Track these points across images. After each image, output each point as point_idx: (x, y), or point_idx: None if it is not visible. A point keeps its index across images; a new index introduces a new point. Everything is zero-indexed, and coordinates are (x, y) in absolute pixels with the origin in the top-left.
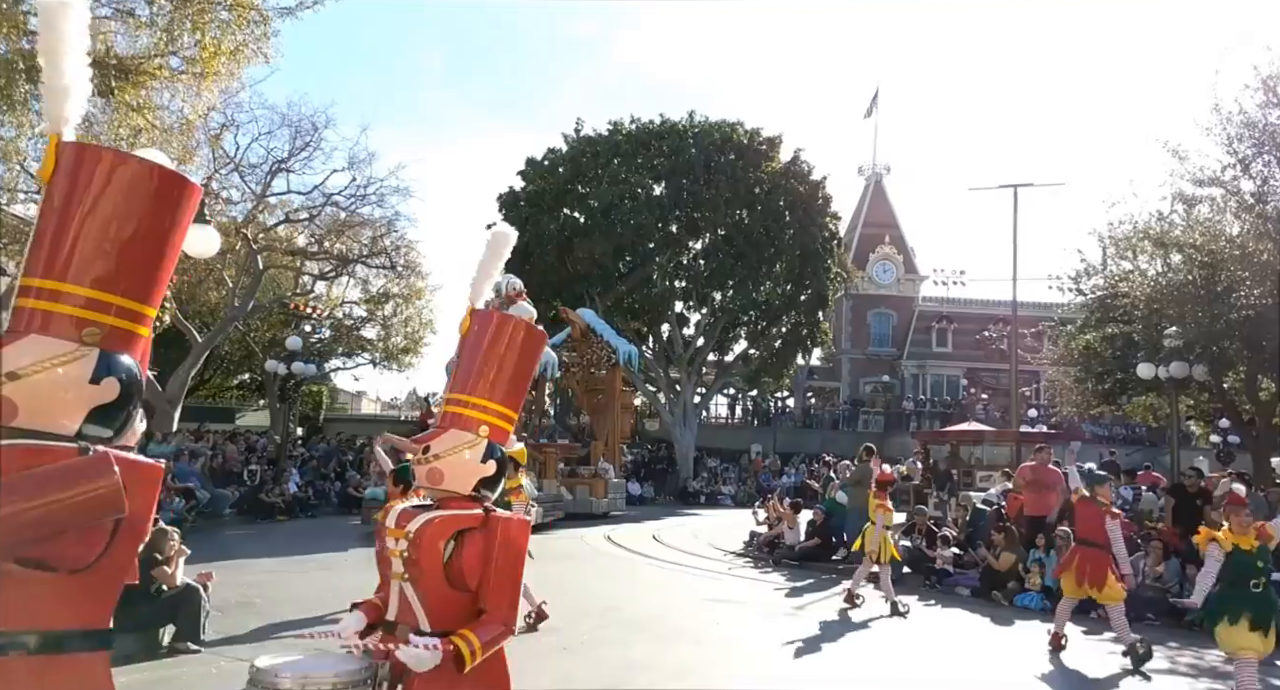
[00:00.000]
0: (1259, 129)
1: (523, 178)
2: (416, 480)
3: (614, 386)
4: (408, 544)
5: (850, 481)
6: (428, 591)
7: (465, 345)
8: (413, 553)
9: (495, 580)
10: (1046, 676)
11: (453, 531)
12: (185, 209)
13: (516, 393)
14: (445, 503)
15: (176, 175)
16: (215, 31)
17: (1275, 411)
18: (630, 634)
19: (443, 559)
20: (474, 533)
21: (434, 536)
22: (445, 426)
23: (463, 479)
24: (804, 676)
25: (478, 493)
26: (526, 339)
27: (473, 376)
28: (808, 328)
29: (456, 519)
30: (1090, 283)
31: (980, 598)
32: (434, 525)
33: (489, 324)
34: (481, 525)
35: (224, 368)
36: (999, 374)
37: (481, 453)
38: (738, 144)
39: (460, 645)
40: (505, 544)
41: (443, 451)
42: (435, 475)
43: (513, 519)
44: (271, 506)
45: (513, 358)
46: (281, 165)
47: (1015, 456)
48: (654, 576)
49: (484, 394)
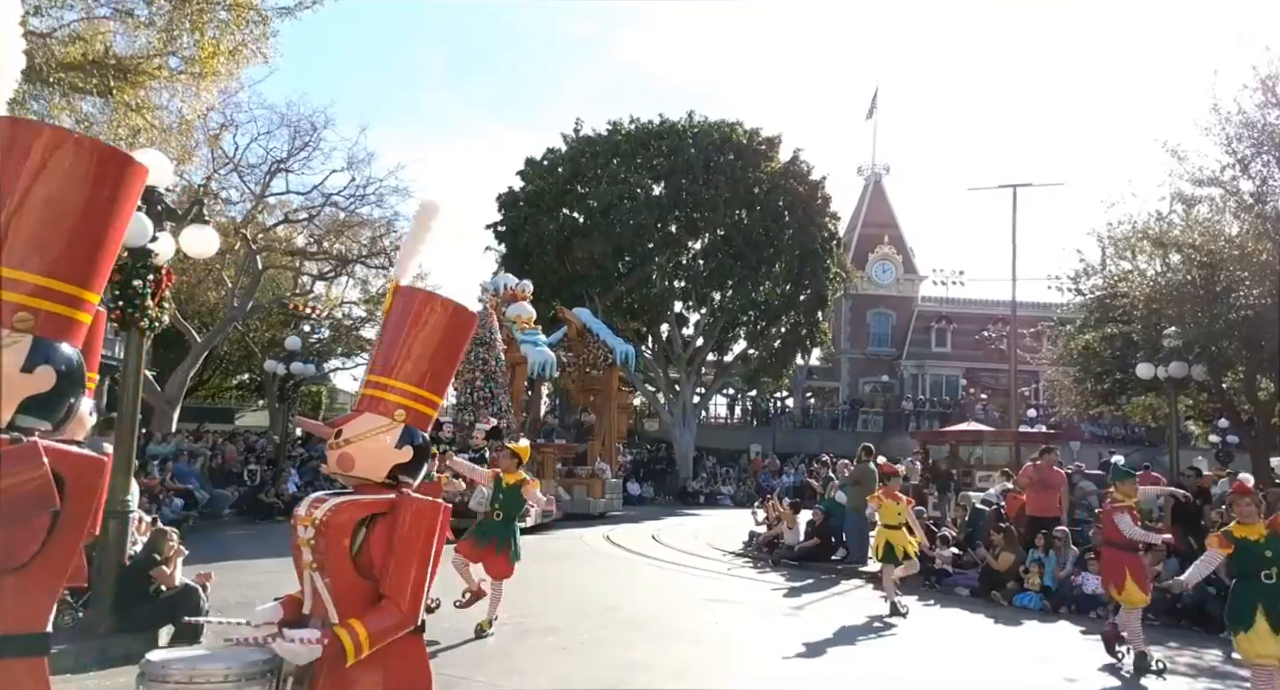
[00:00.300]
0: (1258, 129)
1: (522, 178)
2: (328, 466)
3: (610, 386)
4: (314, 532)
5: (849, 481)
6: (335, 581)
7: (387, 325)
8: (319, 541)
9: (397, 566)
10: (1045, 676)
11: (360, 518)
12: (128, 188)
13: (441, 376)
14: (360, 490)
15: (117, 152)
16: (214, 31)
17: (1274, 411)
18: (629, 634)
19: (350, 547)
20: (384, 518)
21: (339, 523)
22: (360, 410)
23: (375, 465)
24: (803, 676)
25: (393, 479)
26: (453, 320)
27: (393, 358)
28: (807, 328)
29: (364, 504)
30: (1089, 283)
31: (979, 598)
32: (339, 511)
33: (412, 302)
34: (390, 510)
35: (223, 368)
36: (998, 374)
37: (397, 438)
38: (737, 144)
39: (343, 637)
40: (412, 528)
41: (354, 436)
42: (346, 461)
43: (425, 503)
44: (271, 507)
45: (437, 339)
46: (280, 165)
47: (1015, 457)
48: (653, 576)
49: (405, 377)
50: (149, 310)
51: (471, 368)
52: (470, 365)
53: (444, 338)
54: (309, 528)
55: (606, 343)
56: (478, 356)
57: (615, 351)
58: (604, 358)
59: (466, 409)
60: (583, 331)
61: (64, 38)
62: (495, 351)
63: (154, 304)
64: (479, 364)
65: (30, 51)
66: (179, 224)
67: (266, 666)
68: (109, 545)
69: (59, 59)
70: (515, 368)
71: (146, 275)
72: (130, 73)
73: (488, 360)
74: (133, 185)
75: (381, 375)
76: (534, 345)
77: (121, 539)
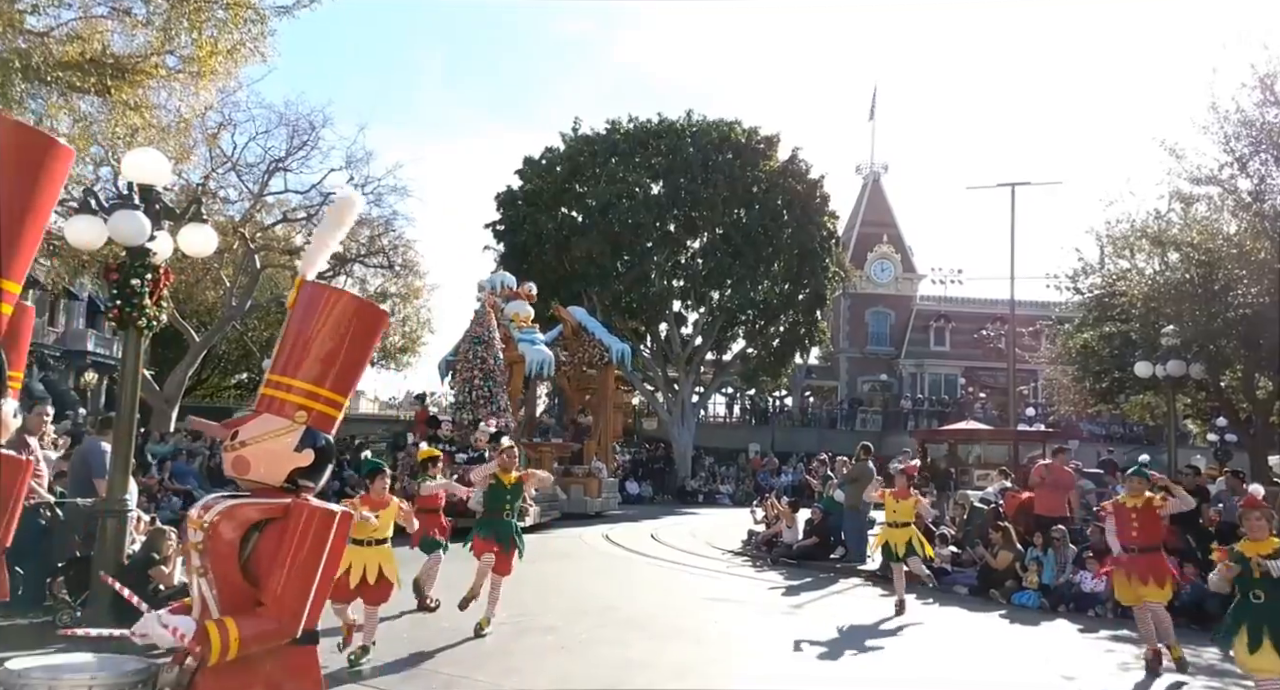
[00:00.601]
0: (1256, 127)
1: (520, 177)
2: (225, 469)
3: (606, 385)
4: (203, 535)
5: (847, 479)
6: (222, 588)
7: (291, 321)
8: (207, 545)
9: (279, 573)
10: (1043, 675)
11: (251, 522)
12: (51, 171)
13: (347, 376)
14: (257, 494)
15: (38, 133)
16: (212, 30)
17: (1272, 409)
18: (628, 633)
19: (238, 552)
20: (276, 523)
21: (228, 527)
22: (259, 411)
23: (273, 469)
24: (802, 675)
25: (292, 484)
26: (360, 317)
27: (295, 356)
28: (805, 326)
29: (256, 508)
30: (1088, 281)
31: (978, 596)
32: (229, 515)
33: (318, 298)
34: (283, 515)
35: (221, 367)
36: (997, 373)
37: (297, 441)
38: (735, 143)
39: (212, 632)
40: (301, 535)
41: (251, 438)
42: (242, 464)
43: (318, 509)
44: None
45: (343, 337)
46: (279, 164)
47: (1013, 455)
48: (652, 575)
49: (307, 377)
50: (147, 309)
51: (470, 366)
52: (468, 364)
53: (350, 336)
54: (199, 531)
55: (602, 341)
56: (476, 355)
57: (611, 350)
58: (600, 356)
59: (465, 408)
60: (578, 330)
61: (62, 37)
62: (494, 350)
63: (152, 303)
64: (477, 362)
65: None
66: (177, 223)
67: (138, 676)
68: (107, 545)
69: (57, 58)
70: (513, 366)
71: (144, 274)
72: (128, 72)
73: (486, 359)
74: (57, 167)
75: (282, 374)
76: (531, 344)
77: (120, 538)
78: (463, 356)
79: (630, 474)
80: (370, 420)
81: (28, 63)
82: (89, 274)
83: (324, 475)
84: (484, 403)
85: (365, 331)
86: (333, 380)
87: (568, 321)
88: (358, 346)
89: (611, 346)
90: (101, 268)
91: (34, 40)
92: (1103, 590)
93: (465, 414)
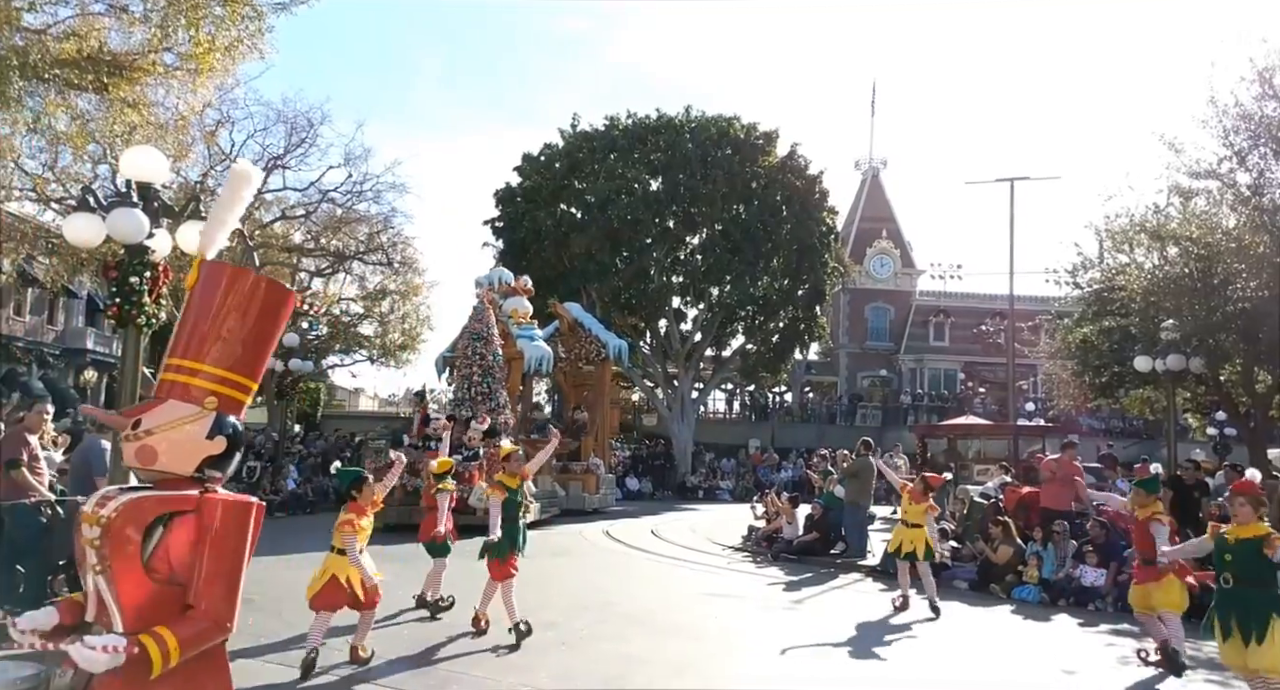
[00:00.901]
0: (1255, 121)
1: (519, 173)
2: (125, 460)
3: (603, 381)
4: (100, 531)
5: (846, 474)
6: (121, 587)
7: (191, 302)
8: (105, 541)
9: (206, 570)
10: (1044, 669)
11: (155, 516)
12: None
13: (255, 358)
14: (162, 486)
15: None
16: (210, 27)
17: (1272, 403)
18: (628, 629)
19: (140, 548)
20: (185, 517)
21: (130, 522)
22: (162, 397)
23: (182, 458)
24: (802, 671)
25: (201, 474)
26: (268, 296)
27: (199, 339)
28: (805, 322)
29: (160, 500)
30: (1087, 276)
31: (978, 590)
32: (130, 508)
33: (221, 278)
34: (195, 508)
35: None
36: (996, 367)
37: (207, 427)
38: (734, 138)
39: (149, 645)
40: (222, 529)
41: (156, 426)
42: (147, 454)
43: (235, 501)
44: (269, 504)
45: (251, 318)
46: (277, 162)
47: (1013, 450)
48: (652, 571)
49: (215, 361)
50: (146, 307)
51: (469, 363)
52: (467, 360)
53: (258, 317)
54: (94, 527)
55: (599, 338)
56: (475, 351)
57: (608, 346)
58: (596, 353)
59: (464, 404)
60: (574, 326)
61: (59, 34)
62: (493, 347)
63: (151, 301)
64: (476, 359)
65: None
66: (175, 221)
67: (28, 685)
68: None
69: (54, 55)
70: (512, 363)
71: (143, 272)
72: (125, 69)
73: (485, 355)
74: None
75: (183, 358)
76: (530, 340)
77: None
78: (461, 353)
79: (630, 470)
80: (370, 417)
81: (25, 60)
82: (88, 272)
83: (234, 463)
84: (483, 399)
85: (272, 312)
86: (241, 364)
87: (564, 318)
88: (265, 327)
89: (608, 343)
90: (100, 266)
91: (31, 37)
92: (1102, 584)
93: (464, 411)
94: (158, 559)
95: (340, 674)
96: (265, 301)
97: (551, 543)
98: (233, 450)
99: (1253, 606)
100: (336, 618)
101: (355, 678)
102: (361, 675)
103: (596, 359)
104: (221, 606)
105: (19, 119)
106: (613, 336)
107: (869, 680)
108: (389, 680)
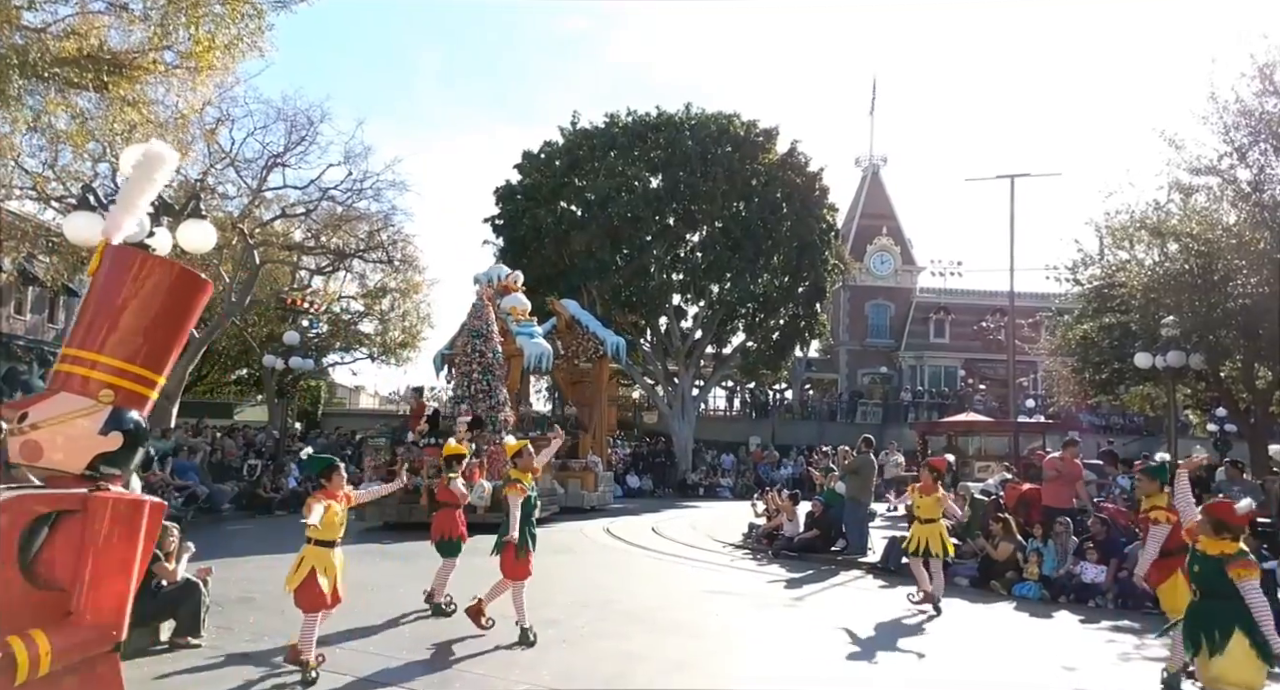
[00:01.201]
0: (1255, 117)
1: (519, 171)
2: (10, 455)
3: (600, 379)
4: None
5: (847, 470)
6: None
7: (93, 290)
8: None
9: (91, 574)
10: (1044, 666)
11: (36, 515)
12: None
13: (161, 350)
14: (50, 483)
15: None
16: (209, 25)
17: (1272, 399)
18: (629, 626)
19: (19, 550)
20: (71, 517)
21: (6, 521)
22: (54, 389)
23: (73, 454)
24: (802, 668)
25: (95, 471)
26: (177, 286)
27: (97, 328)
28: (805, 319)
29: (42, 499)
30: (1087, 273)
31: (978, 587)
32: (8, 507)
33: (127, 264)
34: (81, 507)
35: (222, 363)
36: (996, 364)
37: (100, 422)
38: (734, 136)
39: (16, 647)
40: (110, 530)
41: (44, 420)
42: (32, 449)
43: (123, 499)
44: (270, 501)
45: (156, 308)
46: (277, 160)
47: (1013, 447)
48: (652, 569)
49: (113, 352)
50: None
51: (468, 360)
52: (467, 358)
53: (165, 307)
54: None
55: (596, 335)
56: (474, 349)
57: (606, 344)
58: (594, 350)
59: (464, 402)
60: (572, 324)
61: (59, 32)
62: (492, 344)
63: None
64: (475, 356)
65: (25, 46)
66: (176, 219)
67: None
68: None
69: (54, 54)
70: (511, 360)
71: None
72: (125, 67)
73: (484, 353)
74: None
75: (82, 349)
76: (529, 337)
77: None
78: (460, 350)
79: (631, 467)
80: (370, 415)
81: (25, 59)
82: (88, 271)
83: (134, 460)
84: (483, 397)
85: (182, 302)
86: (144, 356)
87: (561, 315)
88: (173, 318)
89: (606, 340)
90: None
91: (31, 36)
92: (1103, 581)
93: (464, 409)
94: (43, 563)
95: (341, 674)
96: (174, 291)
97: (552, 540)
98: (132, 447)
99: (1217, 618)
100: (339, 620)
101: (358, 675)
102: (363, 672)
103: (594, 356)
104: (107, 613)
105: (19, 117)
106: (610, 334)
107: (869, 677)
108: (392, 677)
